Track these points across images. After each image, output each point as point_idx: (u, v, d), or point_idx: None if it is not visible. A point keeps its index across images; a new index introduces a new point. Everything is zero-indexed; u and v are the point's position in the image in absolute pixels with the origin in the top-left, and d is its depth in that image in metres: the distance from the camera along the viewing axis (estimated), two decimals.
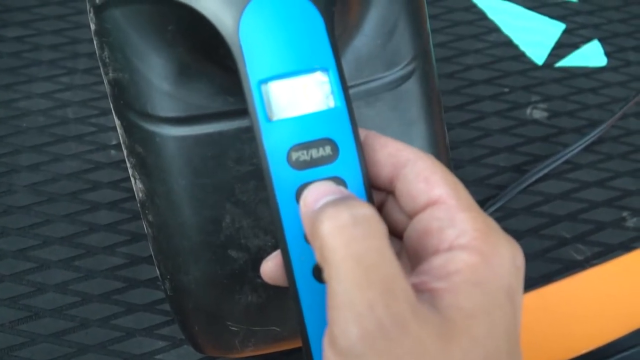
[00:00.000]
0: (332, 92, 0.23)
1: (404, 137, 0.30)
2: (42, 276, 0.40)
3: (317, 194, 0.22)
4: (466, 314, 0.20)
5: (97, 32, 0.29)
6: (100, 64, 0.29)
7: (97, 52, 0.29)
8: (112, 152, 0.45)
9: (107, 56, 0.29)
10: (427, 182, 0.22)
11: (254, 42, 0.23)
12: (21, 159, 0.44)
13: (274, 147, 0.23)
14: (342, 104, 0.23)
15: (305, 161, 0.23)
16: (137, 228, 0.42)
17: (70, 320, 0.39)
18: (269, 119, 0.23)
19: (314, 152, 0.23)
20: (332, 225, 0.20)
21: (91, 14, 0.29)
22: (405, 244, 0.23)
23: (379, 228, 0.20)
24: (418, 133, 0.31)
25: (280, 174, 0.23)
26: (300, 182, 0.23)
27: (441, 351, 0.19)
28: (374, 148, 0.23)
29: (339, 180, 0.23)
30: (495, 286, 0.20)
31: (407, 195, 0.22)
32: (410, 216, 0.23)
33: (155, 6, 0.27)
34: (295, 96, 0.23)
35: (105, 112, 0.46)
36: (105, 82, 0.29)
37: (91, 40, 0.49)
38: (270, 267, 0.25)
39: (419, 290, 0.20)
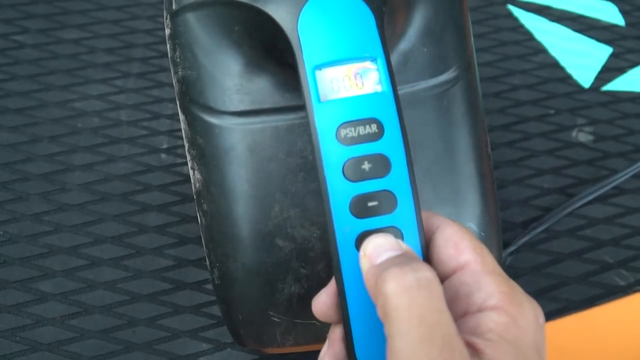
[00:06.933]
0: (380, 79, 0.25)
1: (446, 140, 0.32)
2: (93, 273, 0.41)
3: (378, 247, 0.24)
4: None
5: (170, 36, 0.31)
6: (171, 64, 0.32)
7: (169, 54, 0.32)
8: (163, 155, 0.46)
9: (178, 56, 0.31)
10: (456, 248, 0.24)
11: (311, 33, 0.26)
12: (76, 158, 0.45)
13: (324, 124, 0.25)
14: (388, 89, 0.25)
15: (352, 137, 0.25)
16: (185, 232, 0.43)
17: (118, 318, 0.40)
18: (320, 100, 0.25)
19: (361, 129, 0.25)
20: (397, 285, 0.21)
21: (167, 20, 0.32)
22: None
23: (439, 290, 0.22)
24: (460, 137, 0.32)
25: (329, 149, 0.25)
26: (347, 156, 0.25)
27: None
28: None
29: (396, 231, 0.24)
30: (526, 343, 0.22)
31: (437, 259, 0.25)
32: (441, 277, 0.24)
33: (224, 9, 0.30)
34: (345, 81, 0.25)
35: (157, 116, 0.48)
36: (174, 80, 0.32)
37: (145, 45, 0.51)
38: (323, 300, 0.26)
39: None
